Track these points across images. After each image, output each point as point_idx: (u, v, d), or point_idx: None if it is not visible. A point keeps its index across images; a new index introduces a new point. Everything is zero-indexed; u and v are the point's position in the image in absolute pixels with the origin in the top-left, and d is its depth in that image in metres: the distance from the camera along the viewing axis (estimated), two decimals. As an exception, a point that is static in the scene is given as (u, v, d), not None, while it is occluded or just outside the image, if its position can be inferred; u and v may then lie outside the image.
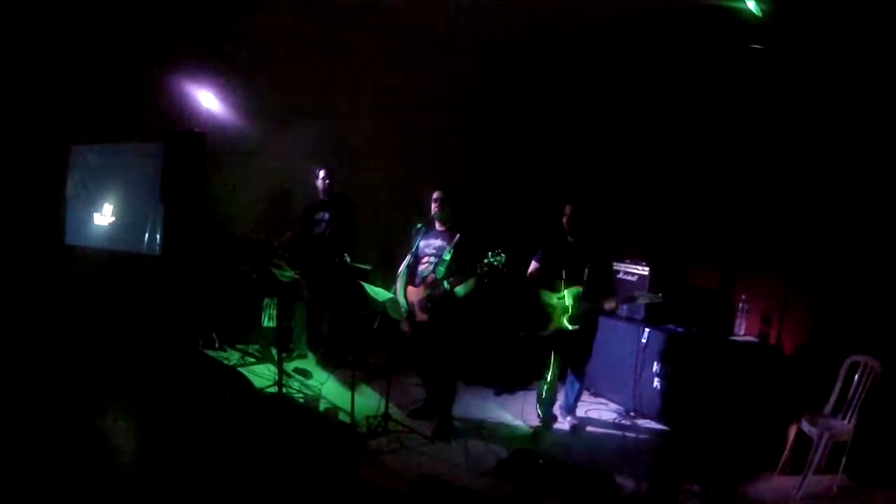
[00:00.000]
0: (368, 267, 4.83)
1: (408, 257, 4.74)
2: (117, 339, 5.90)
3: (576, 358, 4.91)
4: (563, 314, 4.66)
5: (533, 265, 4.95)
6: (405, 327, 4.71)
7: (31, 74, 6.18)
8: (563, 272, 4.71)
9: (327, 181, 6.00)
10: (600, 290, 4.67)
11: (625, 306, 5.23)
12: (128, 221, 6.69)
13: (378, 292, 4.50)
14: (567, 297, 4.66)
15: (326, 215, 5.97)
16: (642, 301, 4.82)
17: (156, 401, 4.74)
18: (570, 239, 4.83)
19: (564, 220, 4.81)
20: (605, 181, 6.63)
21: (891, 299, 4.32)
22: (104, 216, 6.80)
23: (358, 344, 5.24)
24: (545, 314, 4.75)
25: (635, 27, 6.25)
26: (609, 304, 4.71)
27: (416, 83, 7.44)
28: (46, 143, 6.52)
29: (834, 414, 4.10)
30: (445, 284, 4.40)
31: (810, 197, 4.81)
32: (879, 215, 4.44)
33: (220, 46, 6.37)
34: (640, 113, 6.40)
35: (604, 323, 5.17)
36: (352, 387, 4.52)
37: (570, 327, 4.65)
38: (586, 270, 4.67)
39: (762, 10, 4.80)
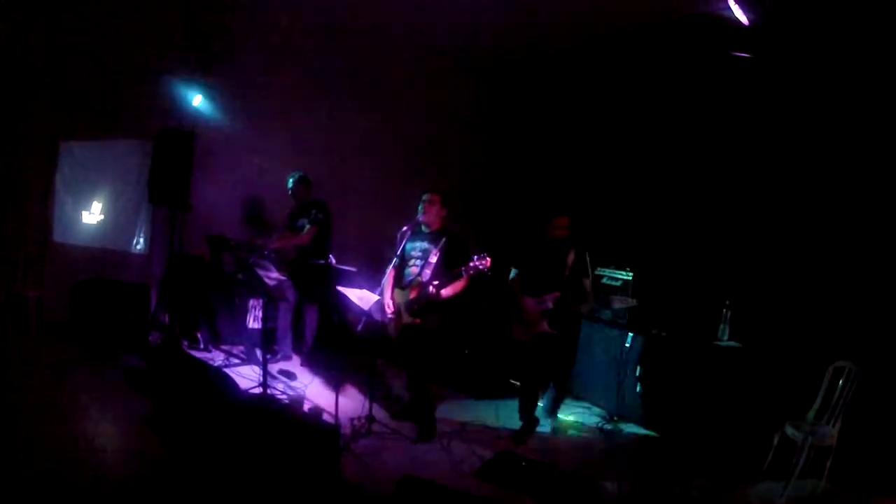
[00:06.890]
0: (354, 269, 4.83)
1: (394, 259, 4.73)
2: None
3: (557, 364, 4.87)
4: (542, 318, 4.67)
5: (514, 271, 4.96)
6: (391, 329, 4.71)
7: (19, 71, 6.14)
8: (543, 276, 4.73)
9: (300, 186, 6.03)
10: (579, 294, 4.66)
11: (610, 308, 5.23)
12: (115, 220, 6.66)
13: (364, 294, 4.50)
14: (547, 301, 4.65)
15: (305, 221, 5.97)
16: (617, 306, 4.82)
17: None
18: (550, 243, 4.81)
19: (551, 229, 4.81)
20: (589, 187, 6.66)
21: (873, 305, 4.37)
22: (92, 214, 6.76)
23: (343, 346, 5.22)
24: (525, 318, 4.76)
25: (623, 38, 6.30)
26: (584, 308, 4.69)
27: (408, 87, 7.49)
28: (35, 139, 6.47)
29: (818, 419, 4.13)
30: (431, 287, 4.41)
31: (790, 203, 4.88)
32: (863, 221, 4.50)
33: (211, 45, 6.36)
34: (626, 121, 6.45)
35: (587, 327, 5.19)
36: (336, 388, 4.53)
37: (548, 331, 4.63)
38: (566, 274, 4.68)
39: (749, 20, 4.87)
